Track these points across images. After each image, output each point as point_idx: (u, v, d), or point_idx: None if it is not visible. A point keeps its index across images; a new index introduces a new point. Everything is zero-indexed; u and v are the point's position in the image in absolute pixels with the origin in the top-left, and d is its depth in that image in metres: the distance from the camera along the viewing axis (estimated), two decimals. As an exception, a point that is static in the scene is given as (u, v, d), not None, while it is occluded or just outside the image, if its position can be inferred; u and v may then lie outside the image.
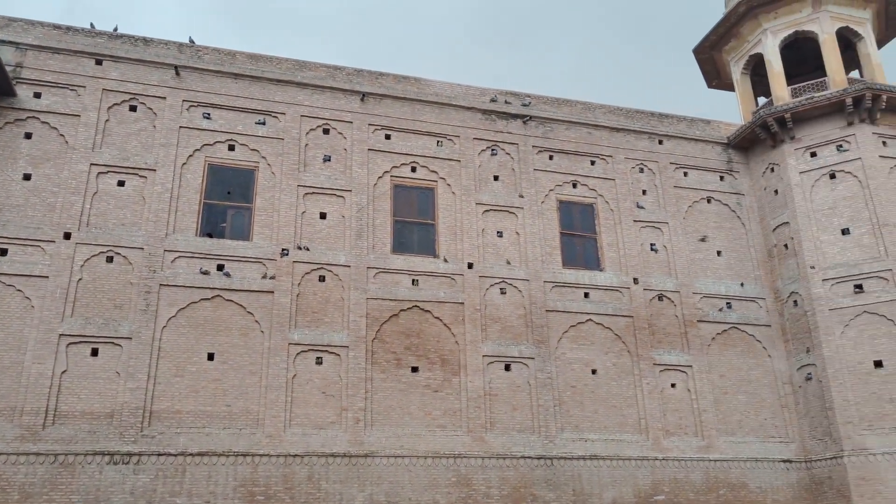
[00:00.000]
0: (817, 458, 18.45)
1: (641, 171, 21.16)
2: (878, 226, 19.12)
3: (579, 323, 18.82)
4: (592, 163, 20.84)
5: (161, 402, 15.34)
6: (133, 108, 17.66)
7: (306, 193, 18.13)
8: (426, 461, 16.29)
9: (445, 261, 18.45)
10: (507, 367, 17.84)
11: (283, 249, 17.30)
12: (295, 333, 16.66)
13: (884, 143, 20.16)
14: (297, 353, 16.53)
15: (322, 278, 17.44)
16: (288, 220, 17.68)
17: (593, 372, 18.42)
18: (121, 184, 16.92)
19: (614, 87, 74.36)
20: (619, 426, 18.02)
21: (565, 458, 17.18)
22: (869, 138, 20.01)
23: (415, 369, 17.17)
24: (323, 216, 18.07)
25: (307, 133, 18.72)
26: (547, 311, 18.67)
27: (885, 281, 18.58)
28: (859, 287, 18.82)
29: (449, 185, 19.32)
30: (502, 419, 17.29)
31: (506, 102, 20.65)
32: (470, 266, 18.53)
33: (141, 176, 17.06)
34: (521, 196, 19.73)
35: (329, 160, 18.61)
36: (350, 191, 18.42)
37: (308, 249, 17.54)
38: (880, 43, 23.20)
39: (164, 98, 17.85)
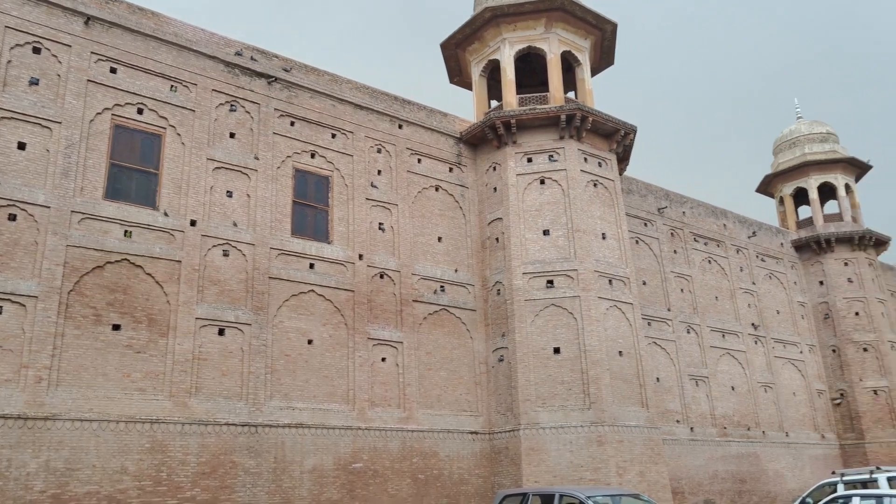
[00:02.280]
0: (499, 431, 20.70)
1: (379, 151, 21.76)
2: (572, 231, 21.88)
3: (301, 293, 18.86)
4: (333, 136, 20.93)
5: None
6: None
7: (3, 118, 15.71)
8: (118, 426, 15.18)
9: (166, 214, 17.26)
10: (221, 332, 17.28)
11: (-36, 178, 14.81)
12: (-31, 277, 14.41)
13: (585, 159, 23.09)
14: (-30, 300, 14.32)
15: (13, 217, 15.30)
16: (-26, 145, 15.16)
17: (309, 342, 18.61)
18: None
19: (370, 64, 75.27)
20: (328, 396, 18.47)
21: (270, 426, 17.17)
22: (575, 153, 22.77)
23: (116, 327, 15.85)
24: (21, 146, 15.82)
25: (11, 49, 16.20)
26: (270, 277, 18.41)
27: (571, 279, 21.37)
28: (551, 282, 21.42)
29: (179, 134, 18.07)
30: (209, 385, 16.72)
31: (252, 59, 19.84)
32: (192, 223, 17.56)
33: None
34: (257, 158, 19.16)
35: (37, 84, 16.32)
36: (60, 123, 16.35)
37: (-2, 182, 15.23)
38: (594, 71, 26.47)
39: None
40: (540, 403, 20.25)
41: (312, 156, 20.36)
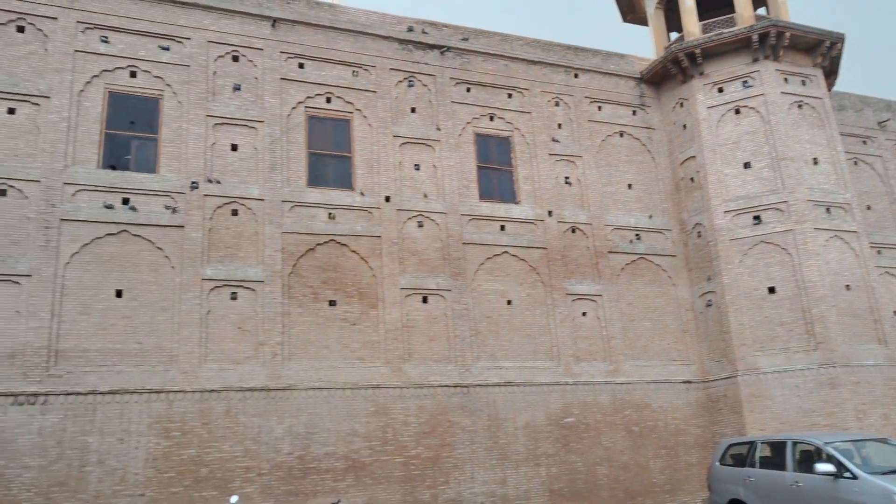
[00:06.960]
0: (714, 379, 19.74)
1: (557, 104, 21.34)
2: (777, 160, 20.06)
3: (495, 255, 19.16)
4: (509, 95, 20.85)
5: (67, 341, 14.81)
6: (21, 30, 16.35)
7: (216, 124, 17.44)
8: (345, 392, 16.51)
9: (362, 194, 18.27)
10: (425, 300, 18.06)
11: (192, 182, 16.69)
12: (208, 269, 16.28)
13: (785, 79, 20.96)
14: (211, 289, 16.19)
15: (235, 212, 17.00)
16: (197, 152, 17.00)
17: (508, 302, 18.90)
18: (11, 111, 15.79)
19: (535, 18, 73.90)
20: (533, 354, 18.69)
21: (481, 386, 17.75)
22: (772, 75, 20.74)
23: (332, 303, 17.15)
24: (234, 148, 17.47)
25: (215, 60, 17.87)
26: (464, 243, 18.89)
27: (781, 212, 19.64)
28: (757, 218, 19.84)
29: (365, 116, 18.97)
30: (420, 350, 17.60)
31: (423, 32, 20.24)
32: (387, 199, 18.43)
33: (33, 103, 15.96)
34: (439, 129, 19.62)
35: (239, 89, 17.88)
36: (263, 122, 17.83)
37: (219, 182, 16.99)
38: (786, -19, 23.82)
39: (56, 19, 16.58)
40: (757, 347, 18.98)
41: (491, 118, 20.45)
